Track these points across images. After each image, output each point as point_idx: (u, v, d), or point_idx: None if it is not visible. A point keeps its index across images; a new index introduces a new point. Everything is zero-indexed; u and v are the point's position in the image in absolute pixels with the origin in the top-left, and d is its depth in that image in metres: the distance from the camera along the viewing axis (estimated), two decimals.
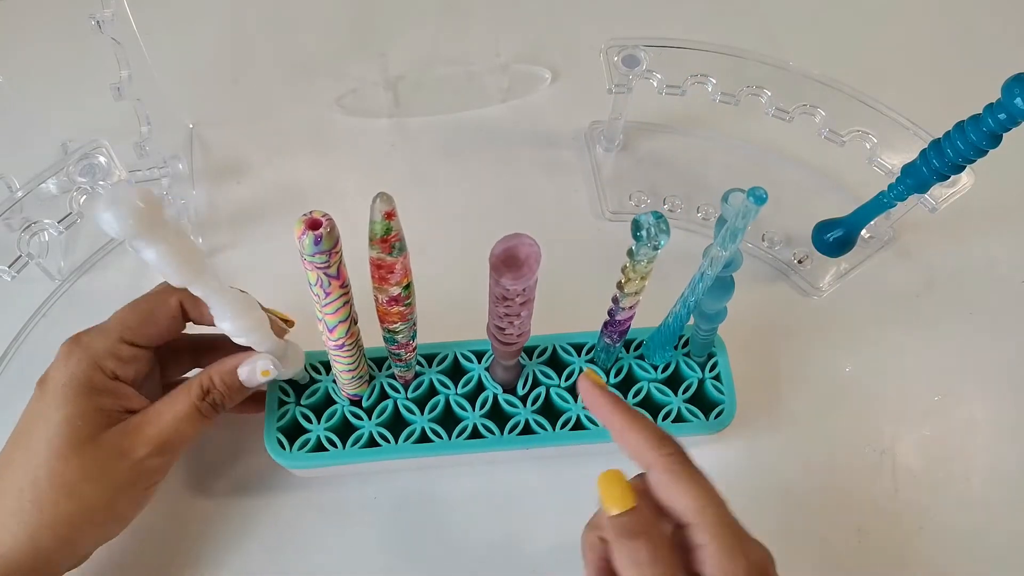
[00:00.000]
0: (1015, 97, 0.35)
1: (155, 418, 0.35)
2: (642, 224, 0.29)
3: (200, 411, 0.35)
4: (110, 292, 0.48)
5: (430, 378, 0.39)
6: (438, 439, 0.38)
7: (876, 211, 0.46)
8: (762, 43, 0.60)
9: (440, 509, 0.42)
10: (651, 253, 0.30)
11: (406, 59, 0.59)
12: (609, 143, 0.55)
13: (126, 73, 0.45)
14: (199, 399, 0.35)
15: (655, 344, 0.39)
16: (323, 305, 0.31)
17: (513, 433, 0.38)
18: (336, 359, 0.35)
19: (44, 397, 0.33)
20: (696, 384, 0.40)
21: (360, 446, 0.38)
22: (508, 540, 0.41)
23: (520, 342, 0.34)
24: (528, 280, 0.29)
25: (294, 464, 0.38)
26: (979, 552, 0.42)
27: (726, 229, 0.29)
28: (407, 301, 0.32)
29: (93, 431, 0.33)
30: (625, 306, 0.34)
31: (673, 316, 0.36)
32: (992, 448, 0.45)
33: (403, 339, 0.34)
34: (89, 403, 0.33)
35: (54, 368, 0.34)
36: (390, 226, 0.28)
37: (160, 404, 0.35)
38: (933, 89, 0.56)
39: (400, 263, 0.29)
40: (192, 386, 0.35)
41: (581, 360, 0.40)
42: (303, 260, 0.28)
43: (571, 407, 0.39)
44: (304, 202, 0.52)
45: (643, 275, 0.31)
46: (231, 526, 0.41)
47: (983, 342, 0.48)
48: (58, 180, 0.42)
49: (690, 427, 0.38)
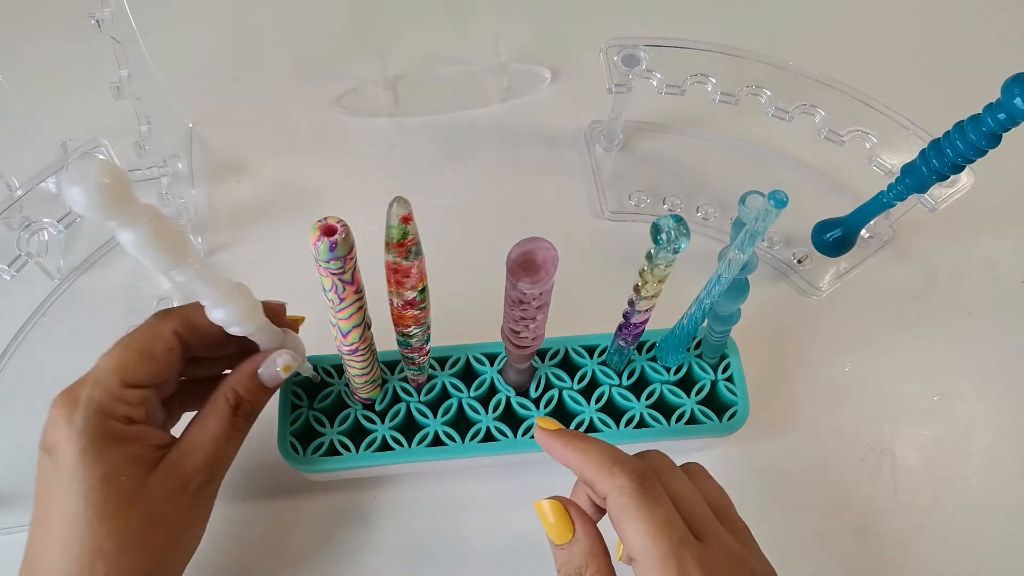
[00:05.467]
0: (1015, 97, 0.35)
1: (195, 447, 0.33)
2: (662, 227, 0.28)
3: (235, 426, 0.34)
4: (109, 291, 0.48)
5: (443, 381, 0.39)
6: (451, 442, 0.38)
7: (876, 211, 0.46)
8: (762, 43, 0.60)
9: (451, 512, 0.42)
10: (670, 257, 0.29)
11: (406, 59, 0.59)
12: (609, 143, 0.55)
13: (126, 72, 0.45)
14: (231, 415, 0.34)
15: (668, 346, 0.39)
16: (337, 311, 0.31)
17: (527, 436, 0.38)
18: (350, 363, 0.35)
19: (61, 465, 0.30)
20: (709, 386, 0.39)
21: (374, 450, 0.37)
22: (518, 543, 0.41)
23: (535, 345, 0.34)
24: (545, 284, 0.29)
25: (308, 468, 0.37)
26: (979, 552, 0.42)
27: (745, 232, 0.29)
28: (422, 305, 0.32)
29: (137, 481, 0.31)
30: (641, 309, 0.34)
31: (688, 318, 0.36)
32: (992, 448, 0.45)
33: (417, 343, 0.34)
34: (121, 455, 0.31)
35: (57, 432, 0.31)
36: (407, 230, 0.27)
37: (194, 431, 0.34)
38: (933, 89, 0.56)
39: (416, 267, 0.29)
40: (219, 404, 0.34)
41: (594, 362, 0.40)
42: (318, 266, 0.28)
43: (584, 409, 0.39)
44: (304, 201, 0.52)
45: (661, 279, 0.31)
46: (244, 530, 0.41)
47: (983, 342, 0.48)
48: (58, 179, 0.42)
49: (703, 429, 0.38)
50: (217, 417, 0.34)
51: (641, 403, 0.39)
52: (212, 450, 0.33)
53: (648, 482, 0.29)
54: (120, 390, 0.32)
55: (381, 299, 0.32)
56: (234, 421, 0.34)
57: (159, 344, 0.33)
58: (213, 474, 0.34)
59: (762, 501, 0.43)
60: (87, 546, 0.30)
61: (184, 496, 0.32)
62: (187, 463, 0.33)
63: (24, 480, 0.37)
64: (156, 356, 0.33)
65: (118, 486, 0.30)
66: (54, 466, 0.30)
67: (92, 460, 0.30)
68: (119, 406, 0.31)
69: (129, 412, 0.32)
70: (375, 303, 0.33)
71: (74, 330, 0.47)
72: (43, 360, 0.46)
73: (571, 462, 0.31)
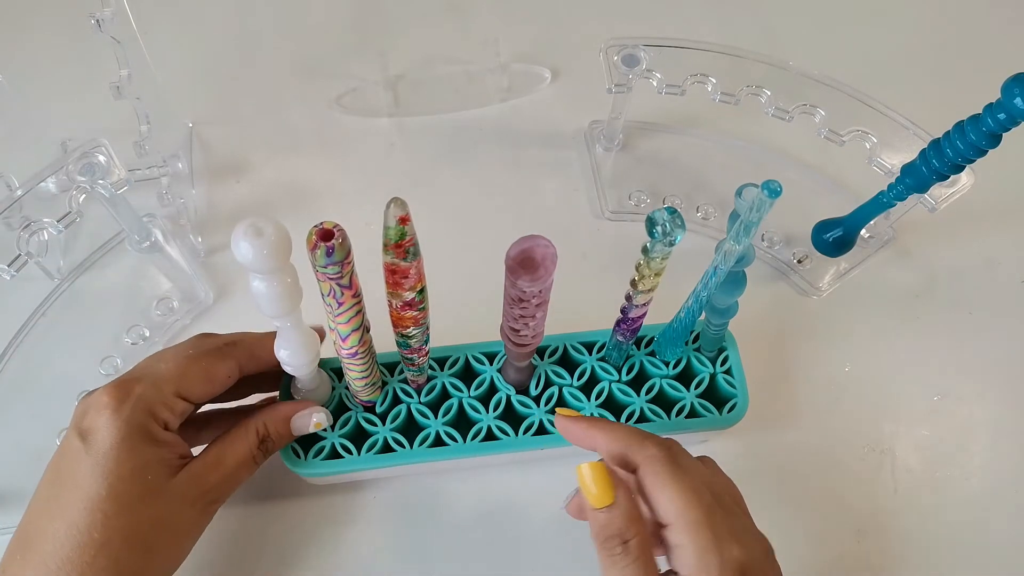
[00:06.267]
0: (1015, 97, 0.35)
1: (218, 464, 0.34)
2: (657, 220, 0.28)
3: (255, 459, 0.36)
4: (109, 291, 0.48)
5: (442, 381, 0.39)
6: (453, 442, 0.38)
7: (876, 211, 0.46)
8: (762, 43, 0.60)
9: (451, 513, 0.42)
10: (666, 250, 0.29)
11: (406, 59, 0.59)
12: (609, 143, 0.55)
13: (126, 72, 0.45)
14: (256, 447, 0.35)
15: (666, 340, 0.39)
16: (336, 315, 0.31)
17: (528, 434, 0.38)
18: (349, 367, 0.35)
19: (95, 450, 0.31)
20: (708, 379, 0.40)
21: (375, 452, 0.37)
22: (519, 541, 0.41)
23: (534, 343, 0.34)
24: (544, 282, 0.29)
25: (309, 472, 0.37)
26: (979, 552, 0.42)
27: (739, 223, 0.29)
28: (421, 306, 0.32)
29: (161, 483, 0.32)
30: (639, 303, 0.34)
31: (685, 311, 0.36)
32: (992, 448, 0.45)
33: (416, 343, 0.34)
34: (153, 455, 0.32)
35: (100, 418, 0.31)
36: (404, 231, 0.27)
37: (220, 448, 0.35)
38: (933, 89, 0.56)
39: (414, 267, 0.29)
40: (250, 432, 0.35)
41: (593, 359, 0.40)
42: (315, 272, 0.28)
43: (584, 406, 0.39)
44: (304, 201, 0.52)
45: (657, 272, 0.31)
46: (243, 533, 0.41)
47: (983, 342, 0.48)
48: (57, 179, 0.42)
49: (703, 422, 0.38)
50: (245, 443, 0.35)
51: (641, 398, 0.39)
52: (232, 470, 0.35)
53: (676, 453, 0.31)
54: (172, 398, 0.33)
55: (380, 300, 0.32)
56: (256, 453, 0.35)
57: (222, 370, 0.35)
58: (224, 493, 0.35)
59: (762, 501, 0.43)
60: (95, 536, 0.30)
61: (195, 507, 0.34)
62: (208, 476, 0.34)
63: (24, 480, 0.37)
64: (215, 379, 0.35)
65: (144, 483, 0.31)
66: (85, 449, 0.31)
67: (126, 452, 0.31)
68: (164, 411, 0.33)
69: (169, 419, 0.33)
70: (374, 304, 0.33)
71: (74, 330, 0.47)
72: (43, 360, 0.46)
73: (597, 442, 0.32)
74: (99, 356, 0.45)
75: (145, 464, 0.32)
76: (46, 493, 0.32)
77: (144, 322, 0.47)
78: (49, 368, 0.46)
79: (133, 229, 0.48)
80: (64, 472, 0.31)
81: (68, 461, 0.32)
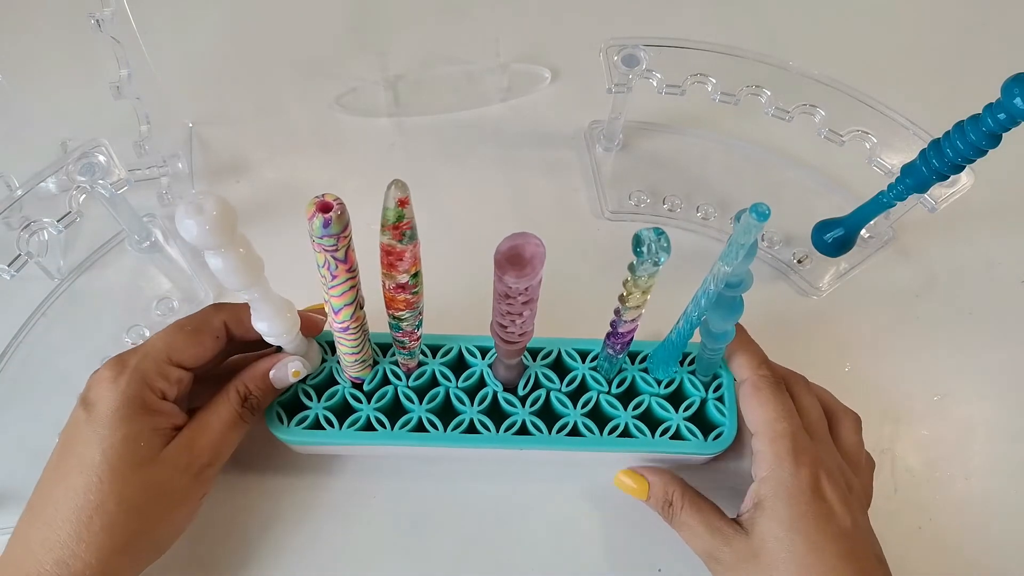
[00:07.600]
0: (1015, 97, 0.35)
1: (205, 429, 0.36)
2: (643, 239, 0.28)
3: (242, 417, 0.37)
4: (109, 291, 0.48)
5: (432, 369, 0.39)
6: (433, 430, 0.38)
7: (876, 211, 0.46)
8: (762, 43, 0.60)
9: (434, 509, 0.42)
10: (652, 269, 0.30)
11: (406, 59, 0.59)
12: (609, 143, 0.55)
13: (126, 72, 0.45)
14: (239, 406, 0.36)
15: (659, 359, 0.38)
16: (329, 287, 0.31)
17: (509, 432, 0.38)
18: (341, 341, 0.36)
19: (94, 419, 0.33)
20: (698, 403, 0.39)
21: (356, 428, 0.38)
22: (498, 545, 0.41)
23: (522, 341, 0.34)
24: (532, 279, 0.29)
25: (289, 438, 0.38)
26: (979, 552, 0.42)
27: (730, 245, 0.29)
28: (414, 290, 0.32)
29: (153, 450, 0.34)
30: (627, 319, 0.34)
31: (676, 332, 0.36)
32: (992, 448, 0.45)
33: (408, 327, 0.35)
34: (147, 423, 0.34)
35: (100, 389, 0.33)
36: (402, 213, 0.28)
37: (205, 415, 0.36)
38: (933, 89, 0.56)
39: (410, 251, 0.29)
40: (230, 394, 0.37)
41: (585, 367, 0.40)
42: (312, 241, 0.29)
43: (569, 413, 0.38)
44: (304, 201, 0.52)
45: (644, 289, 0.31)
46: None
47: (983, 342, 0.48)
48: (57, 179, 0.42)
49: (687, 446, 0.38)
50: (227, 404, 0.36)
51: (628, 412, 0.38)
52: (219, 433, 0.36)
53: (781, 381, 0.38)
54: (165, 366, 0.35)
55: (379, 283, 0.32)
56: (241, 412, 0.37)
57: (209, 331, 0.36)
58: (215, 457, 0.36)
59: None
60: (91, 498, 0.32)
61: (187, 474, 0.35)
62: (197, 441, 0.35)
63: (24, 480, 0.37)
64: (204, 342, 0.36)
65: (136, 449, 0.33)
66: (86, 418, 0.33)
67: (121, 420, 0.33)
68: (159, 380, 0.34)
69: (165, 388, 0.35)
70: (373, 289, 0.33)
71: (74, 330, 0.47)
72: (43, 360, 0.46)
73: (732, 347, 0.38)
74: (99, 356, 0.45)
75: (139, 432, 0.33)
76: (54, 461, 0.34)
77: (144, 322, 0.47)
78: (49, 368, 0.46)
79: (133, 229, 0.48)
80: (68, 440, 0.33)
81: (71, 429, 0.34)
